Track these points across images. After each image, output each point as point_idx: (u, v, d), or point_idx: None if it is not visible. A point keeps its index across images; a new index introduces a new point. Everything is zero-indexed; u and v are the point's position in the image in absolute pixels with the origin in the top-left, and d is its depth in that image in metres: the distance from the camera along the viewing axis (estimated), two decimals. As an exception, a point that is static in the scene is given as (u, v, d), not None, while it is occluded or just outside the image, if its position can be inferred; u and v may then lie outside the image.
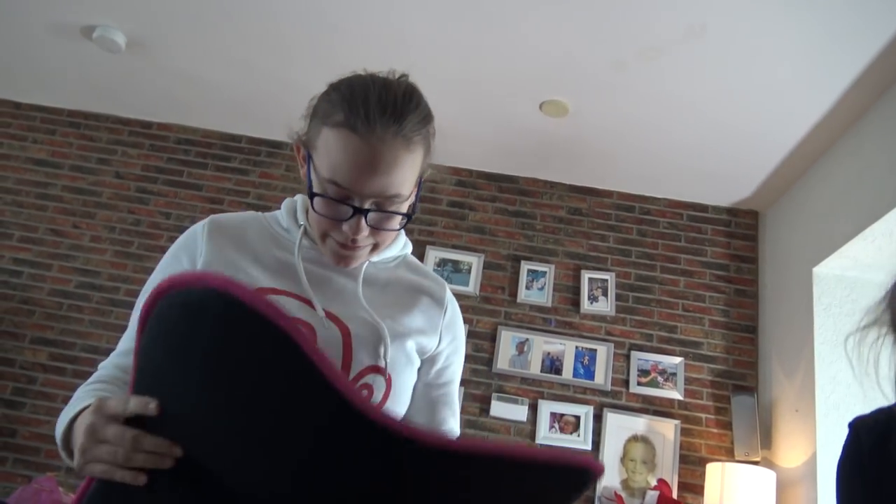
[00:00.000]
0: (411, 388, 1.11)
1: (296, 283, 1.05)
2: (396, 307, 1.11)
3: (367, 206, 0.98)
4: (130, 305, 4.06)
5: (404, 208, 1.02)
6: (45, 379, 3.66)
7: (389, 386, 1.04)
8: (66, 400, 3.65)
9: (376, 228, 1.01)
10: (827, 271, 3.34)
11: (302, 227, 1.10)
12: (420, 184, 1.05)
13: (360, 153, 0.94)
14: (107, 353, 4.04)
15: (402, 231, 1.14)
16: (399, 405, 1.08)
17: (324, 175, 0.97)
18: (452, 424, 1.17)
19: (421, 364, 1.14)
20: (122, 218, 3.99)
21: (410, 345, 1.09)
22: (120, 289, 3.81)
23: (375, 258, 1.13)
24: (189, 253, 1.09)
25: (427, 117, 1.02)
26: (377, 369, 1.02)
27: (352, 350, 1.02)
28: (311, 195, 0.99)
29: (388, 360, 1.04)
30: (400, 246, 1.19)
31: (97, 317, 3.77)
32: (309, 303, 1.03)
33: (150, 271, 4.08)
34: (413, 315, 1.12)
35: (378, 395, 1.03)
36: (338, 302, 1.06)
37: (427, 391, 1.16)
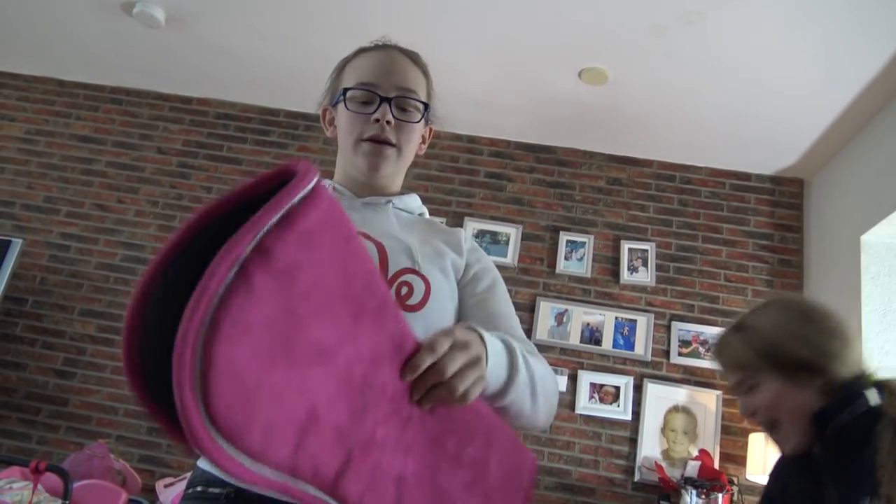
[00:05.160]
0: (449, 300, 1.14)
1: None
2: (422, 236, 1.21)
3: (390, 95, 1.17)
4: (174, 278, 4.05)
5: (420, 109, 1.21)
6: (94, 350, 3.77)
7: (428, 287, 1.10)
8: (115, 370, 3.73)
9: (400, 120, 1.18)
10: (875, 239, 3.25)
11: (331, 185, 1.23)
12: (427, 110, 1.23)
13: (379, 57, 1.21)
14: (153, 325, 4.02)
15: (416, 195, 1.29)
16: (440, 309, 1.11)
17: (351, 85, 1.19)
18: (513, 333, 1.15)
19: (459, 290, 1.19)
20: (164, 192, 4.06)
21: (441, 261, 1.16)
22: (164, 262, 3.88)
23: (399, 202, 1.25)
24: None
25: (425, 64, 1.26)
26: (413, 270, 1.10)
27: (387, 256, 1.10)
28: (345, 92, 1.19)
29: (420, 262, 1.11)
30: (417, 203, 1.30)
31: (143, 290, 3.85)
32: None
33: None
34: (436, 241, 1.21)
35: (418, 295, 1.08)
36: (369, 228, 1.15)
37: (475, 307, 1.18)
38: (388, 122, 1.17)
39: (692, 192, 3.98)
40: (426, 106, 1.23)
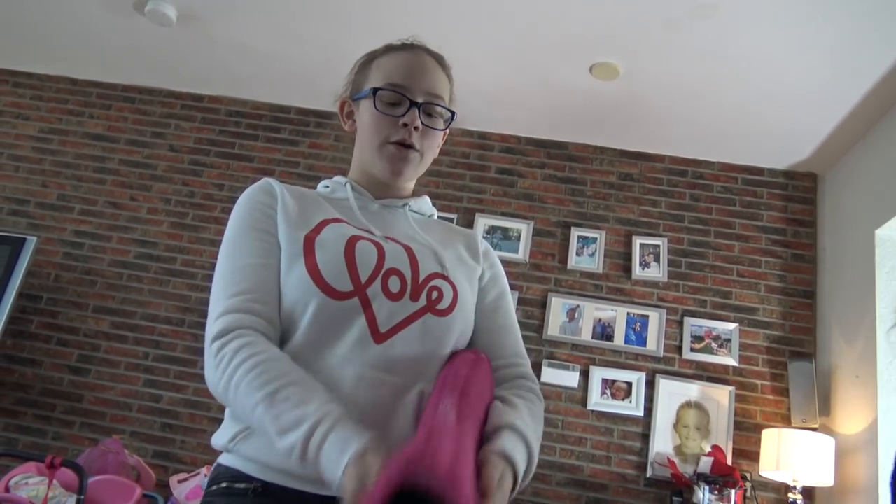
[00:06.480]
0: (472, 303, 1.19)
1: (353, 218, 1.18)
2: (441, 238, 1.24)
3: (419, 100, 1.18)
4: (186, 275, 4.16)
5: (445, 116, 1.23)
6: (108, 346, 3.79)
7: (456, 293, 1.13)
8: (128, 367, 3.75)
9: (427, 127, 1.19)
10: (890, 233, 3.23)
11: (347, 182, 1.25)
12: (453, 118, 1.24)
13: (410, 59, 1.21)
14: (166, 320, 4.13)
15: (428, 198, 1.32)
16: (464, 316, 1.15)
17: (380, 85, 1.19)
18: (518, 349, 1.22)
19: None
20: (177, 190, 4.08)
21: (465, 267, 1.21)
22: (176, 259, 3.90)
23: (414, 204, 1.28)
24: (271, 195, 1.17)
25: (450, 66, 1.27)
26: (442, 275, 1.13)
27: (417, 260, 1.13)
28: (375, 92, 1.18)
29: (448, 267, 1.15)
30: (429, 205, 1.33)
31: (155, 286, 3.87)
32: (368, 231, 1.16)
33: (204, 241, 4.15)
34: (456, 245, 1.25)
35: (447, 300, 1.11)
36: (393, 232, 1.19)
37: (482, 313, 1.22)
38: (415, 128, 1.17)
39: (704, 186, 3.96)
40: (452, 114, 1.24)
